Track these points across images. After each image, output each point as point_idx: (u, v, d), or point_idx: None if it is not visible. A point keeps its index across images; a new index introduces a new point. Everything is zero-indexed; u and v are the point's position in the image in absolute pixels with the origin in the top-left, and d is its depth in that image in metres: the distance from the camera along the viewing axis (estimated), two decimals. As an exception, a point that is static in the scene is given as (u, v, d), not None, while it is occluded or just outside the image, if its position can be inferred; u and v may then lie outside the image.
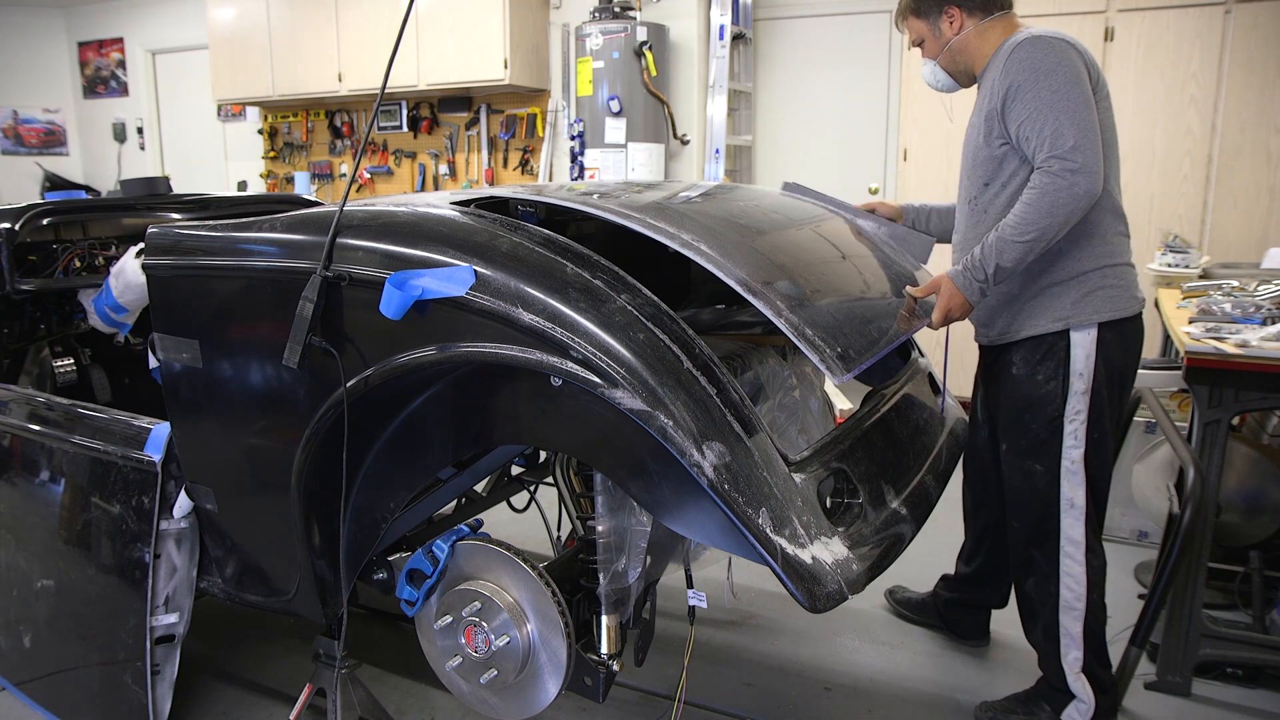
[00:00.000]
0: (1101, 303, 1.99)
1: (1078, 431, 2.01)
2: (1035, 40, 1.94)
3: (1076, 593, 2.08)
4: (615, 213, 1.67)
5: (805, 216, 2.18)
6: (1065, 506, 2.05)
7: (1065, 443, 2.02)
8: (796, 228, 2.04)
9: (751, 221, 1.93)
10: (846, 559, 1.44)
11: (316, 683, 2.05)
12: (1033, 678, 2.28)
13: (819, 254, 1.97)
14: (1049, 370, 2.02)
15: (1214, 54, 4.16)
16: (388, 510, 1.77)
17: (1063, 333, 2.00)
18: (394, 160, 6.64)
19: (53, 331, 2.78)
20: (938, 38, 2.15)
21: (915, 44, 2.21)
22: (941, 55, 2.15)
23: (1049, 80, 1.88)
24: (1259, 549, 2.61)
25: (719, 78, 5.20)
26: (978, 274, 1.94)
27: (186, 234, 1.85)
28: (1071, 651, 2.10)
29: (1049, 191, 1.83)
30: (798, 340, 1.49)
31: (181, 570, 2.03)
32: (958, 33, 2.11)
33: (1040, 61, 1.90)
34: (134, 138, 8.03)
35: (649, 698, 2.35)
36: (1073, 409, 2.01)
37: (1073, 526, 2.05)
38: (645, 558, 1.71)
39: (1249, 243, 4.17)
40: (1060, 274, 2.00)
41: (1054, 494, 2.05)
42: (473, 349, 1.51)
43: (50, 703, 2.24)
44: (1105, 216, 1.99)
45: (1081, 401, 2.00)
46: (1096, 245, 1.98)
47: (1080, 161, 1.82)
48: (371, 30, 6.02)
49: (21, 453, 2.25)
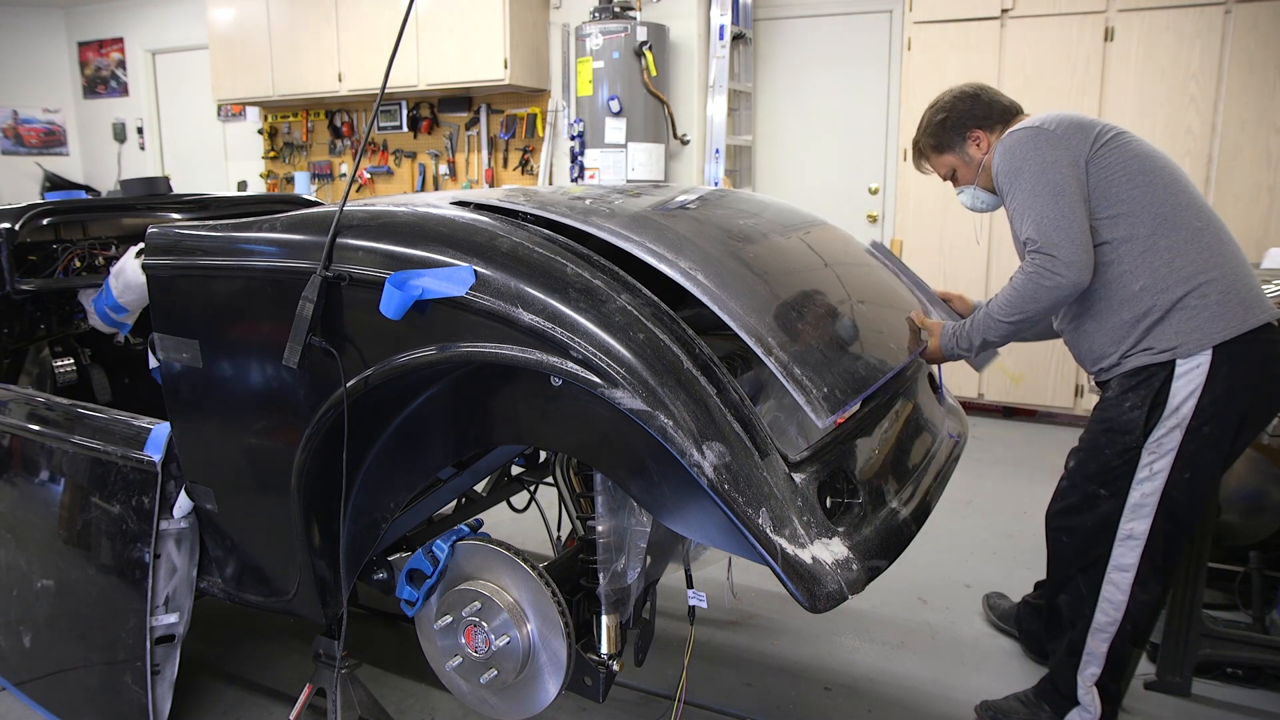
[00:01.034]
0: (1206, 323, 1.89)
1: (1156, 465, 1.93)
2: (1004, 142, 2.03)
3: (1112, 617, 2.03)
4: (614, 233, 1.65)
5: (808, 234, 2.17)
6: (1122, 536, 1.98)
7: (1138, 474, 1.95)
8: (796, 249, 2.02)
9: (751, 243, 1.90)
10: (846, 559, 1.44)
11: (316, 683, 2.05)
12: (1034, 677, 2.28)
13: (819, 279, 1.95)
14: (1138, 398, 1.95)
15: (1214, 54, 4.17)
16: (388, 510, 1.77)
17: (1166, 364, 1.92)
18: (394, 160, 6.64)
19: (53, 331, 2.78)
20: (968, 164, 2.20)
21: (946, 178, 2.28)
22: (979, 178, 2.20)
23: (1019, 181, 1.96)
24: (1259, 549, 2.61)
25: (719, 78, 5.20)
26: (963, 342, 2.04)
27: (186, 234, 1.85)
28: (1090, 667, 2.08)
29: (1032, 279, 1.91)
30: (784, 381, 1.49)
31: (181, 570, 2.03)
32: (986, 152, 2.16)
33: (1007, 163, 1.99)
34: (134, 138, 8.03)
35: (649, 698, 2.35)
36: (1156, 441, 1.93)
37: (1125, 555, 1.99)
38: (645, 558, 1.71)
39: (1249, 243, 4.16)
40: (1138, 311, 1.94)
41: (1113, 523, 1.99)
42: (473, 349, 1.51)
43: (50, 703, 2.24)
44: (1173, 240, 1.93)
45: (1173, 437, 1.91)
46: (1168, 273, 1.92)
47: (1058, 256, 1.88)
48: (371, 30, 6.02)
49: (22, 453, 2.25)
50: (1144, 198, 1.94)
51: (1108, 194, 1.95)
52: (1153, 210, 1.94)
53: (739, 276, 1.68)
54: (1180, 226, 1.94)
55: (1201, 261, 1.92)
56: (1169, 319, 1.91)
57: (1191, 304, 1.90)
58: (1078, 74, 4.42)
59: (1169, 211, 1.95)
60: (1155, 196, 1.95)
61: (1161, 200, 1.95)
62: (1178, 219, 1.95)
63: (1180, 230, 1.94)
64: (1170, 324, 1.91)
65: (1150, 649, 2.42)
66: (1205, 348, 1.88)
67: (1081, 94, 4.40)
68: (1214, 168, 4.24)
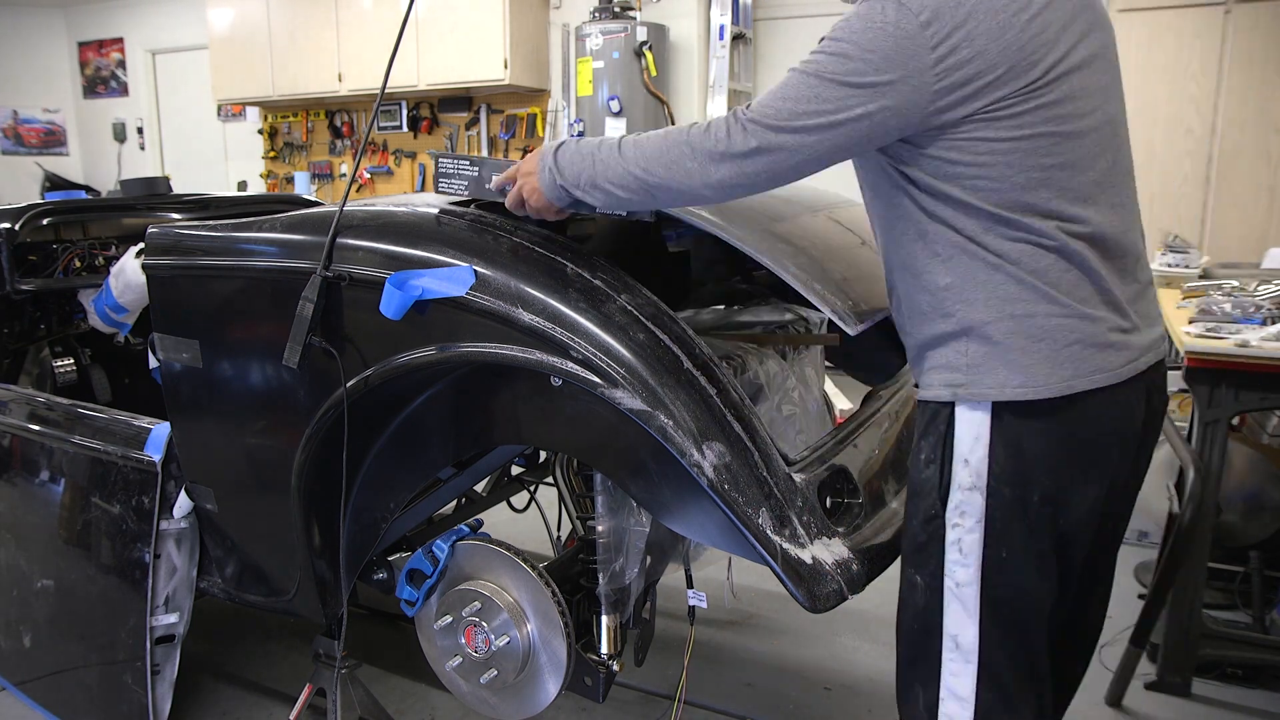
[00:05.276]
0: (1010, 371, 1.24)
1: (964, 543, 1.29)
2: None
3: None
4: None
5: (814, 202, 2.17)
6: (948, 645, 1.33)
7: (947, 554, 1.31)
8: (801, 209, 2.02)
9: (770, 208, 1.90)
10: (847, 559, 1.43)
11: (316, 683, 2.05)
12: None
13: (824, 231, 1.95)
14: (930, 446, 1.33)
15: (1214, 54, 4.16)
16: (388, 510, 1.77)
17: (948, 401, 1.30)
18: (394, 160, 6.64)
19: (53, 331, 2.78)
20: None
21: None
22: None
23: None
24: (1259, 549, 2.62)
25: (719, 78, 5.20)
26: (565, 164, 1.39)
27: (186, 234, 1.85)
28: None
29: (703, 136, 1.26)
30: (808, 294, 1.48)
31: (181, 570, 2.03)
32: None
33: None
34: (134, 138, 8.03)
35: (649, 698, 2.35)
36: (956, 508, 1.30)
37: (957, 676, 1.32)
38: (645, 558, 1.71)
39: (1249, 243, 4.17)
40: (950, 321, 1.29)
41: (935, 622, 1.34)
42: (473, 349, 1.51)
43: (50, 703, 2.24)
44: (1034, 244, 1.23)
45: (973, 502, 1.28)
46: (1014, 286, 1.23)
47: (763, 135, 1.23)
48: (371, 30, 6.02)
49: (22, 453, 2.25)
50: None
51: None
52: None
53: (753, 219, 1.68)
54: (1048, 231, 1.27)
55: (1064, 285, 1.24)
56: (977, 343, 1.27)
57: (1019, 339, 1.24)
58: (1078, 74, 4.41)
59: (1050, 204, 1.27)
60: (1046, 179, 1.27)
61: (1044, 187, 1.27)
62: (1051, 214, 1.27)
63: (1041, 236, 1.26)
64: (975, 351, 1.27)
65: (1150, 649, 2.42)
66: (991, 400, 1.26)
67: (1081, 94, 4.39)
68: (1214, 168, 4.24)
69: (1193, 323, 2.42)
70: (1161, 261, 3.40)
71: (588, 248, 1.59)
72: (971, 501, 1.28)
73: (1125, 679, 2.32)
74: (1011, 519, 1.28)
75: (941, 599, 1.33)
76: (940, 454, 1.31)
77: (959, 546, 1.31)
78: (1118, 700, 2.34)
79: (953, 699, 1.34)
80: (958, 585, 1.31)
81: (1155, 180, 4.29)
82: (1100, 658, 2.53)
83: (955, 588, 1.32)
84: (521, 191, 1.48)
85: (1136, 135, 2.17)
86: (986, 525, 1.28)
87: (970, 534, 1.29)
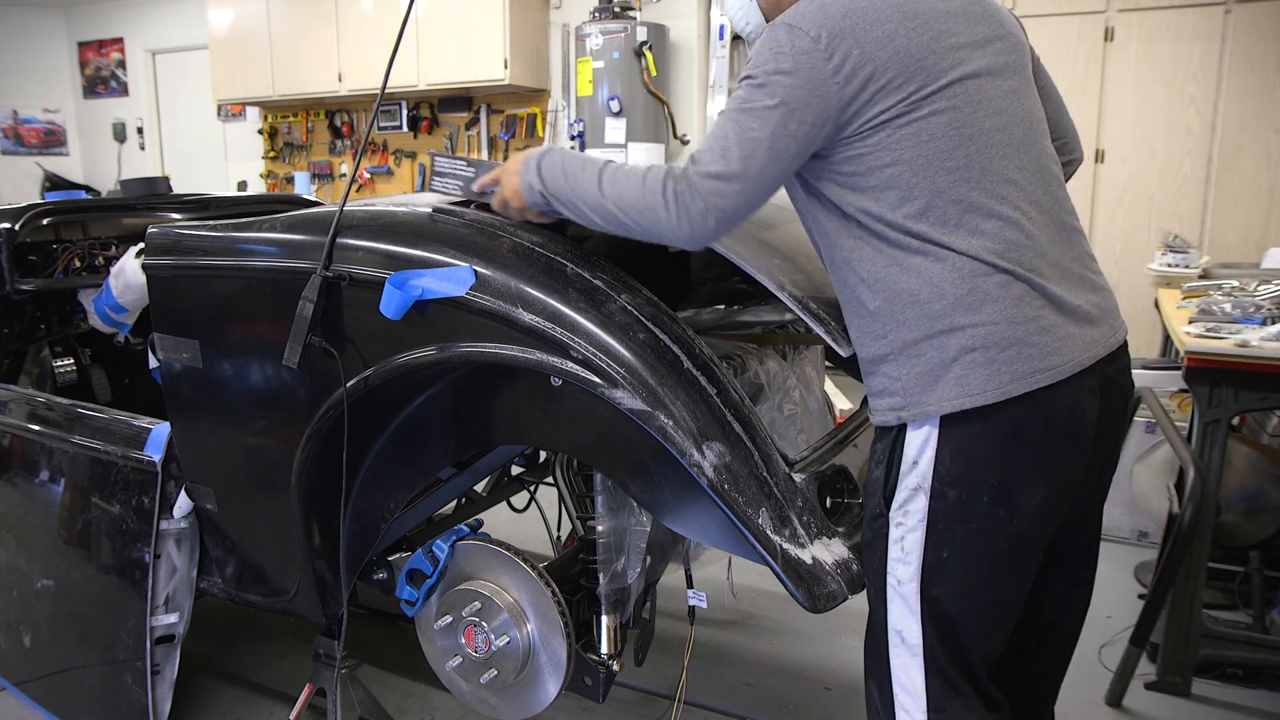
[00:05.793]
0: (945, 386, 1.28)
1: (906, 541, 1.34)
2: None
3: None
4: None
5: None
6: (894, 640, 1.38)
7: (890, 553, 1.36)
8: (790, 216, 2.03)
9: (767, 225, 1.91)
10: (847, 559, 1.44)
11: (316, 683, 2.05)
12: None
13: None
14: (881, 449, 1.39)
15: (1214, 54, 4.16)
16: (388, 510, 1.77)
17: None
18: (394, 160, 6.63)
19: (53, 331, 2.78)
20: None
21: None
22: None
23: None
24: (1259, 549, 2.62)
25: (719, 78, 5.20)
26: (547, 174, 1.45)
27: (186, 234, 1.85)
28: None
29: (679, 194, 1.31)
30: (804, 315, 1.48)
31: (181, 570, 2.03)
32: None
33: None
34: (134, 138, 8.03)
35: (649, 698, 2.35)
36: (900, 508, 1.34)
37: (905, 669, 1.37)
38: (645, 558, 1.71)
39: (1249, 243, 4.17)
40: (883, 343, 1.34)
41: (881, 618, 1.40)
42: (473, 349, 1.51)
43: (50, 703, 2.24)
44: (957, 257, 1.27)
45: (918, 503, 1.32)
46: (939, 302, 1.27)
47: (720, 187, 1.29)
48: (371, 30, 6.02)
49: (22, 453, 2.25)
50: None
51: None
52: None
53: (743, 227, 1.68)
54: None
55: (994, 292, 1.27)
56: (913, 362, 1.31)
57: (957, 352, 1.27)
58: (1078, 74, 4.41)
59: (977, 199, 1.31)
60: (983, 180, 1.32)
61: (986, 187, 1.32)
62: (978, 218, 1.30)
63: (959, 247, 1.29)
64: (909, 371, 1.32)
65: (1150, 649, 2.43)
66: (938, 415, 1.30)
67: (1081, 94, 4.39)
68: (1214, 168, 4.24)
69: (1193, 323, 2.42)
70: (1161, 261, 3.40)
71: (588, 248, 1.59)
72: (916, 502, 1.33)
73: (1125, 679, 2.32)
74: (954, 521, 1.32)
75: (886, 596, 1.38)
76: (889, 456, 1.37)
77: (901, 544, 1.36)
78: (1118, 700, 2.34)
79: (903, 691, 1.39)
80: (899, 583, 1.36)
81: (1155, 180, 4.29)
82: (1100, 657, 2.54)
83: (897, 585, 1.36)
84: (504, 192, 1.54)
85: (1137, 135, 2.16)
86: (929, 526, 1.33)
87: (912, 533, 1.34)
